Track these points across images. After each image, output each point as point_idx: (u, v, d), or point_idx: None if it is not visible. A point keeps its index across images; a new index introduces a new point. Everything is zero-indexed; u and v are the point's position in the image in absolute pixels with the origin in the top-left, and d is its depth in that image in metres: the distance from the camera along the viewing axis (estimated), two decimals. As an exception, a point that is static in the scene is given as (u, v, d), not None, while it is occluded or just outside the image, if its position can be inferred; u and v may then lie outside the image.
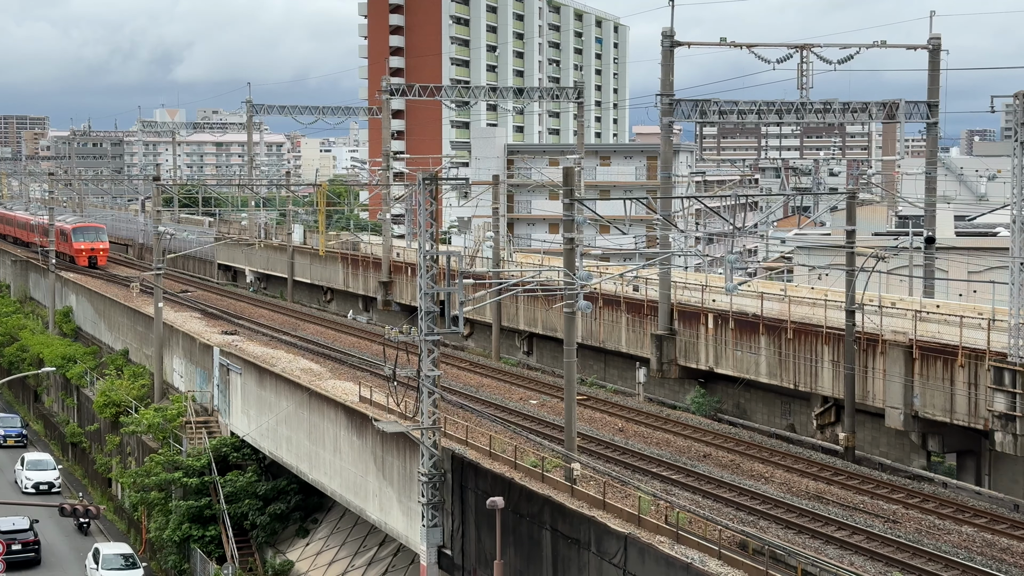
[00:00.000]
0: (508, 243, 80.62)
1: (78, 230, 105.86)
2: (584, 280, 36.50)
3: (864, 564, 29.15)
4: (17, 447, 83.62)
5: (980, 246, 68.22)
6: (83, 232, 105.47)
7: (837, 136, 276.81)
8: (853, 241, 41.54)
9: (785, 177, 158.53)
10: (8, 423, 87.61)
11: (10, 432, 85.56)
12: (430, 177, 38.70)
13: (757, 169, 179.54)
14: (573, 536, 33.31)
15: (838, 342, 42.40)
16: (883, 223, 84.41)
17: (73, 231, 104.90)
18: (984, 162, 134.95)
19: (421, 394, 38.16)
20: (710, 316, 48.81)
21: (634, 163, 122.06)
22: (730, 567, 28.56)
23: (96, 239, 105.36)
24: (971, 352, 37.89)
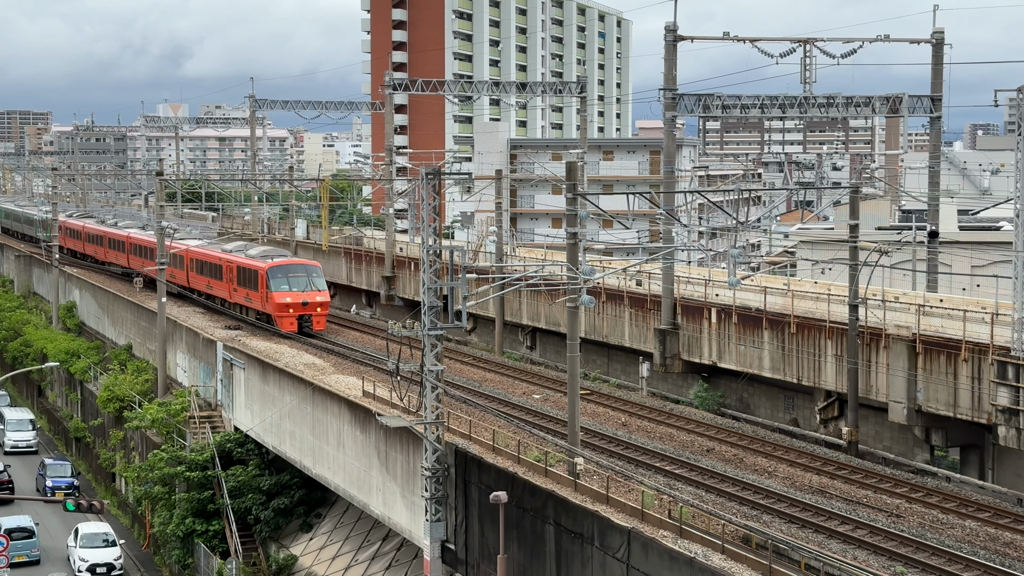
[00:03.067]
0: (511, 238, 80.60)
1: (278, 272, 62.92)
2: (587, 275, 36.49)
3: (867, 559, 29.16)
4: None
5: (983, 240, 68.14)
6: (286, 275, 63.03)
7: (840, 130, 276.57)
8: (856, 235, 41.52)
9: (788, 171, 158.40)
10: (59, 472, 72.40)
11: (59, 483, 70.51)
12: (433, 172, 38.67)
13: (760, 163, 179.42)
14: (576, 530, 33.32)
15: (841, 336, 42.39)
16: (886, 217, 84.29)
17: (270, 273, 62.61)
18: (987, 156, 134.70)
19: (424, 389, 38.17)
20: (713, 311, 48.78)
21: (637, 157, 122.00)
22: (733, 561, 28.57)
23: (308, 286, 63.07)
24: (974, 346, 37.86)
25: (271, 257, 65.42)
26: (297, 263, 64.49)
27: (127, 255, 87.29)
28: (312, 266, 64.60)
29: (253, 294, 64.50)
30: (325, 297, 63.09)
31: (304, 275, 62.82)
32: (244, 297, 66.26)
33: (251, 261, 65.71)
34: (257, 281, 63.69)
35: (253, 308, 65.64)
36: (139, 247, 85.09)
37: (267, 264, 63.44)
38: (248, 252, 68.12)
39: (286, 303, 61.74)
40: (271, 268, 62.76)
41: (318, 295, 62.71)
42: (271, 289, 62.08)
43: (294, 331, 61.48)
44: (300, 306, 61.98)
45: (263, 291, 62.98)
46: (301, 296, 62.21)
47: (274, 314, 62.14)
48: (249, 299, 65.47)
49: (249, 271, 65.16)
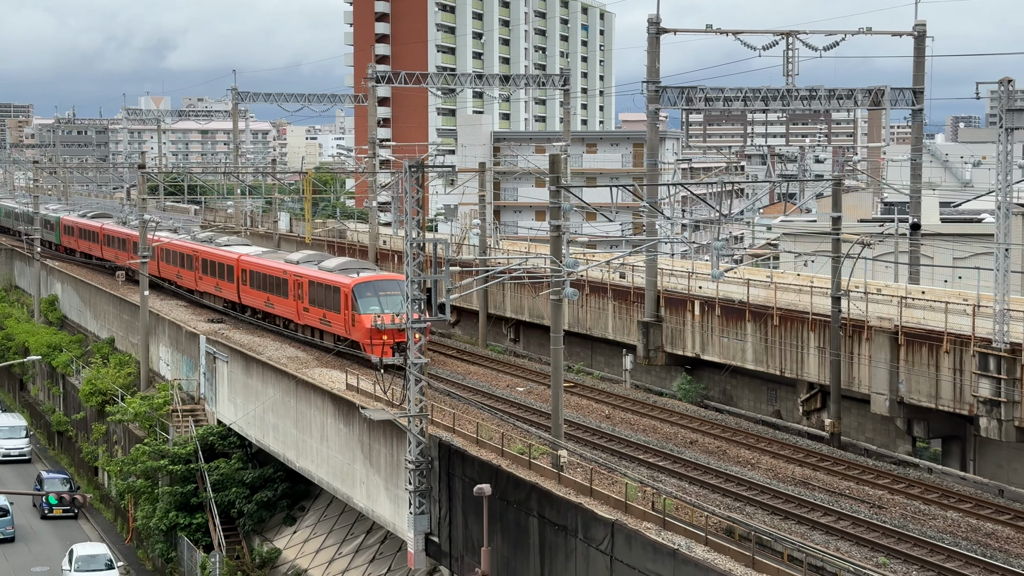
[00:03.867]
0: (494, 230, 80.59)
1: (367, 289, 52.03)
2: (570, 267, 36.51)
3: (850, 549, 29.28)
4: (66, 517, 67.04)
5: (965, 232, 68.42)
6: (376, 293, 51.99)
7: (823, 123, 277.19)
8: (839, 228, 41.63)
9: (771, 164, 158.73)
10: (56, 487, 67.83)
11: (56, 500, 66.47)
12: (416, 164, 38.65)
13: (743, 156, 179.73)
14: (560, 523, 33.38)
15: (824, 328, 42.52)
16: (869, 210, 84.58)
17: (357, 291, 51.79)
18: (969, 148, 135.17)
19: (408, 381, 38.16)
20: (696, 303, 48.88)
21: (620, 150, 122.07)
22: (717, 553, 28.66)
23: (401, 307, 46.29)
24: (956, 338, 38.03)
25: (354, 271, 54.29)
26: (388, 279, 52.59)
27: (157, 263, 75.26)
28: (399, 280, 49.95)
29: (332, 316, 53.27)
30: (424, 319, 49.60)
31: (398, 293, 49.66)
32: (319, 319, 54.84)
33: (329, 276, 54.35)
34: (339, 300, 52.63)
35: (332, 332, 54.05)
36: (178, 255, 73.49)
37: (352, 280, 51.96)
38: (322, 264, 56.94)
39: (379, 327, 49.11)
40: (359, 285, 51.44)
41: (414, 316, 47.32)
42: (359, 310, 50.61)
43: (389, 358, 50.09)
44: (396, 331, 48.42)
45: (347, 312, 51.75)
46: (396, 319, 47.59)
47: (363, 340, 50.35)
48: (327, 321, 53.99)
49: (327, 288, 53.90)
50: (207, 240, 73.14)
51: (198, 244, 71.95)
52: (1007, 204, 36.48)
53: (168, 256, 74.98)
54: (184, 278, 72.86)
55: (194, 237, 75.73)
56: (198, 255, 70.17)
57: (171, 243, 74.59)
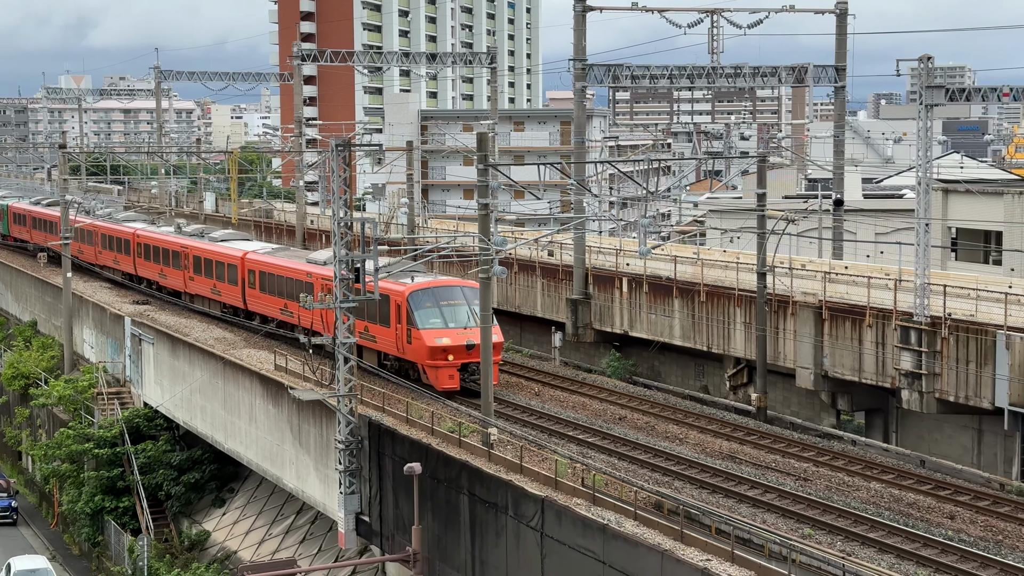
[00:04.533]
0: (423, 209, 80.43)
1: (425, 297, 43.03)
2: (499, 245, 36.57)
3: (776, 521, 29.70)
4: (4, 524, 63.90)
5: (887, 208, 69.42)
6: (437, 303, 43.00)
7: (748, 100, 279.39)
8: (764, 204, 42.04)
9: (697, 141, 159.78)
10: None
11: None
12: (343, 143, 38.44)
13: (670, 133, 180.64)
14: (491, 500, 33.50)
15: (750, 304, 42.97)
16: (793, 186, 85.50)
17: (414, 301, 42.64)
18: (890, 125, 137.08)
19: (337, 361, 38.02)
20: (624, 280, 49.16)
21: (548, 128, 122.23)
22: (646, 528, 28.93)
23: (471, 319, 42.06)
24: (878, 312, 38.62)
25: (405, 274, 43.66)
26: (451, 284, 43.90)
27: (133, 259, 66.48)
28: (471, 288, 42.69)
29: (381, 331, 43.78)
30: (497, 335, 41.29)
31: (463, 303, 42.48)
32: (360, 331, 44.05)
33: (382, 282, 41.59)
34: (387, 311, 43.16)
35: (376, 349, 44.80)
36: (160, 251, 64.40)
37: (406, 287, 42.47)
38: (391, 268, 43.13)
39: (442, 346, 41.10)
40: (415, 293, 42.19)
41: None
42: (417, 324, 41.54)
43: (455, 388, 41.33)
44: (463, 351, 41.28)
45: (401, 327, 42.34)
46: (464, 335, 41.34)
47: (423, 362, 41.80)
48: (369, 335, 44.58)
49: (380, 298, 41.08)
50: (197, 234, 62.98)
51: (186, 239, 61.99)
52: (927, 180, 37.07)
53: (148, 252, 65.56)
54: (170, 277, 63.18)
55: (179, 230, 66.11)
56: (188, 252, 60.54)
57: (154, 236, 65.34)
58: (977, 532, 28.78)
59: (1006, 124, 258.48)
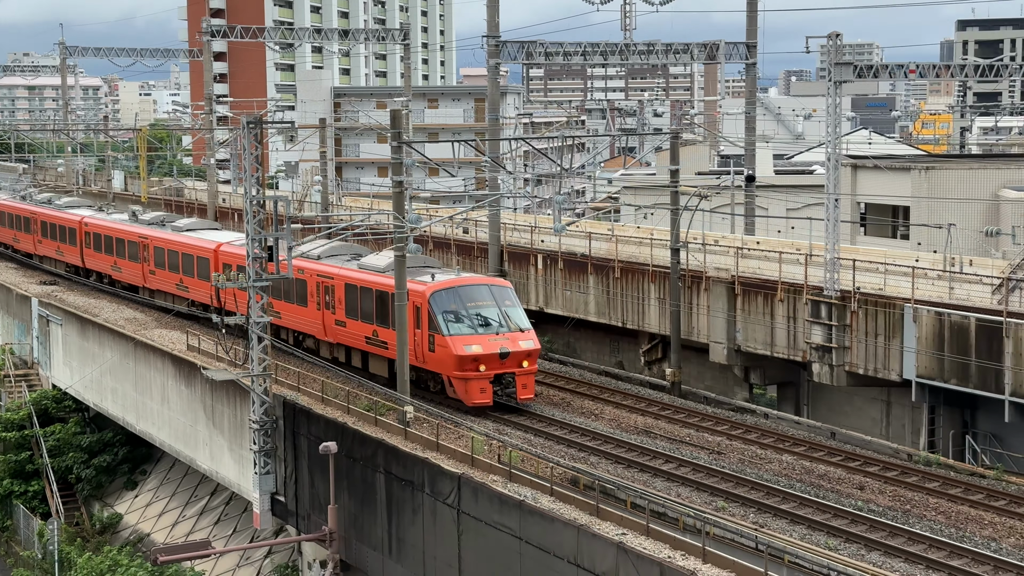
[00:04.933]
0: (337, 187, 79.85)
1: (450, 298, 37.68)
2: (413, 223, 36.43)
3: (691, 495, 30.01)
4: None
5: (797, 184, 70.24)
6: (464, 305, 37.68)
7: (661, 77, 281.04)
8: (677, 180, 42.32)
9: (611, 118, 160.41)
10: None
11: None
12: (255, 121, 37.97)
13: (583, 111, 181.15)
14: (407, 478, 33.45)
15: (664, 280, 43.27)
16: (706, 162, 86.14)
17: (436, 302, 37.34)
18: (801, 102, 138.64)
19: (251, 341, 37.66)
20: (539, 257, 49.26)
21: (462, 105, 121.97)
22: (562, 503, 29.07)
23: (503, 323, 37.75)
24: (790, 287, 39.11)
25: (423, 271, 39.02)
26: (479, 282, 38.89)
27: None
28: (500, 287, 38.84)
29: (392, 335, 37.71)
30: (532, 341, 37.46)
31: (492, 303, 37.78)
32: (365, 337, 40.28)
33: (383, 278, 39.35)
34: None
35: (389, 357, 39.11)
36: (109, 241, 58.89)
37: (427, 286, 37.46)
38: (365, 261, 41.99)
39: (472, 355, 36.24)
40: (438, 294, 37.22)
41: (521, 338, 37.16)
42: (442, 330, 36.58)
43: (487, 403, 36.72)
44: (496, 360, 36.53)
45: (421, 333, 37.37)
46: (496, 342, 36.68)
47: (450, 374, 36.87)
48: (380, 342, 39.62)
49: (383, 296, 39.10)
50: (157, 222, 56.81)
51: (145, 228, 56.18)
52: (836, 156, 37.56)
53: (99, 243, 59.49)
54: (126, 270, 57.47)
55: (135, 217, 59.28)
56: (149, 243, 55.01)
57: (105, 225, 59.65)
58: (886, 502, 29.32)
59: (913, 100, 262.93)
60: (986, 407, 34.73)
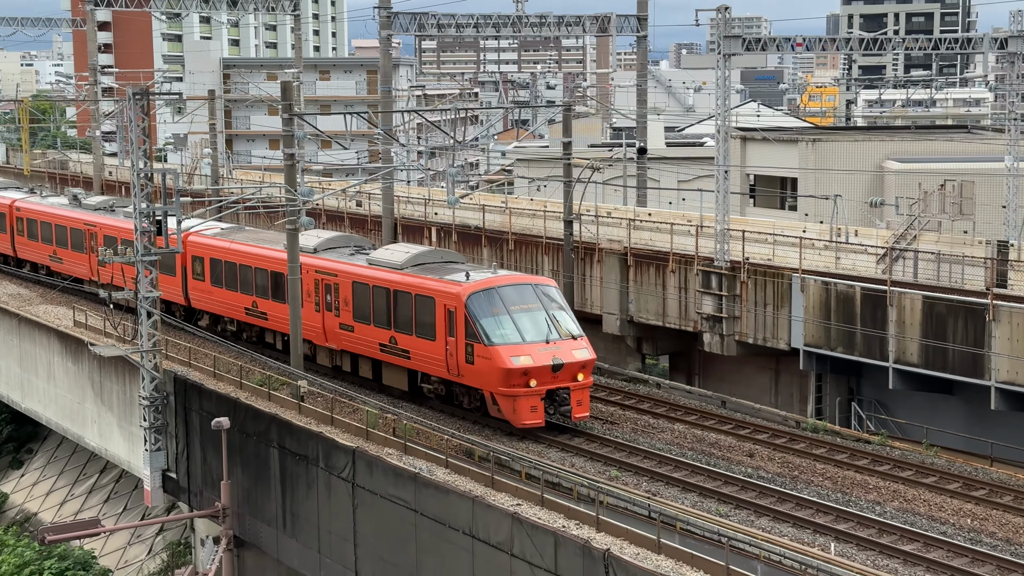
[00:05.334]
0: (227, 160, 78.75)
1: (491, 300, 32.48)
2: (306, 196, 36.15)
3: (584, 465, 30.27)
4: None
5: (688, 156, 71.02)
6: (507, 308, 32.45)
7: (553, 50, 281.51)
8: (570, 153, 42.50)
9: (504, 91, 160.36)
10: None
11: None
12: (141, 92, 37.26)
13: (476, 83, 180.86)
14: (301, 453, 33.26)
15: (557, 252, 43.48)
16: (598, 135, 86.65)
17: (475, 304, 32.21)
18: (691, 75, 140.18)
19: (140, 316, 37.05)
20: (433, 229, 49.18)
21: (354, 77, 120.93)
22: (457, 475, 29.15)
23: (552, 328, 32.64)
24: (681, 258, 39.57)
25: (457, 269, 34.51)
26: (522, 281, 33.91)
27: None
28: (546, 286, 33.99)
29: (421, 345, 33.74)
30: (587, 349, 32.84)
31: (538, 305, 32.95)
32: (378, 344, 35.51)
33: (403, 276, 34.76)
34: (434, 319, 33.19)
35: (413, 368, 34.82)
36: None
37: (463, 286, 32.69)
38: (376, 257, 36.79)
39: (522, 368, 31.37)
40: (477, 295, 32.38)
41: (574, 346, 32.53)
42: (484, 338, 31.66)
43: (539, 423, 31.76)
44: (548, 373, 31.68)
45: (456, 341, 32.39)
46: (547, 352, 31.86)
47: (494, 390, 31.75)
48: (403, 351, 34.61)
49: (404, 296, 34.40)
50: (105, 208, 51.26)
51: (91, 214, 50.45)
52: (726, 128, 38.03)
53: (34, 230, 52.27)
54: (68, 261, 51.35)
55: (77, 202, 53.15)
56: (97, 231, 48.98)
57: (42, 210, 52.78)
58: (775, 468, 29.89)
59: (800, 73, 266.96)
60: (871, 374, 35.57)
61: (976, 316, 31.99)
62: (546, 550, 25.48)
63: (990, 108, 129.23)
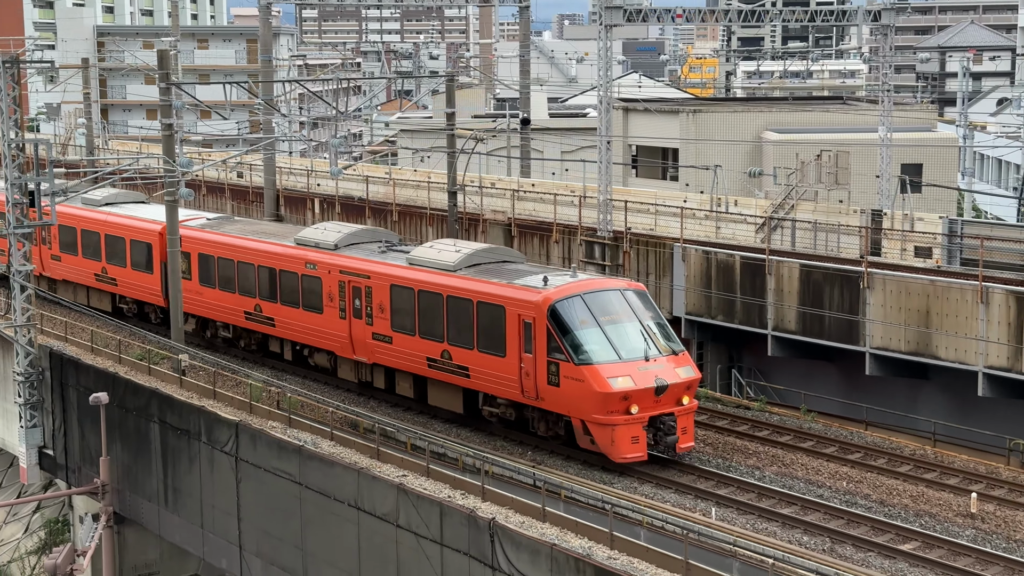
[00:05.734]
0: (103, 130, 77.03)
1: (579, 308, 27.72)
2: (185, 167, 35.55)
3: (470, 436, 30.36)
4: None
5: (571, 127, 71.35)
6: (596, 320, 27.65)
7: (436, 20, 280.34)
8: (453, 124, 42.42)
9: (386, 61, 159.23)
10: None
11: None
12: (11, 60, 36.26)
13: (359, 53, 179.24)
14: (183, 427, 32.82)
15: (442, 223, 43.45)
16: (482, 105, 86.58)
17: (562, 313, 27.47)
18: (574, 45, 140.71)
19: (13, 291, 36.13)
20: (316, 201, 48.77)
21: (233, 46, 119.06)
22: (342, 447, 29.04)
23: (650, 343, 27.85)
24: (565, 228, 39.82)
25: (526, 272, 30.00)
26: (609, 286, 29.06)
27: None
28: (637, 291, 29.18)
29: (486, 362, 29.00)
30: (691, 367, 28.34)
31: (631, 315, 28.32)
32: (432, 359, 30.43)
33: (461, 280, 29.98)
34: (503, 331, 28.54)
35: (474, 388, 29.89)
36: None
37: (542, 293, 27.94)
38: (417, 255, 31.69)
39: (622, 392, 26.79)
40: (562, 303, 27.76)
41: (677, 363, 27.97)
42: (572, 356, 27.07)
43: (641, 457, 27.10)
44: (651, 397, 27.10)
45: (535, 358, 27.72)
46: (648, 371, 27.31)
47: (589, 417, 27.02)
48: (461, 368, 29.71)
49: (460, 305, 29.67)
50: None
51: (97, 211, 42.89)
52: (607, 99, 38.28)
53: None
54: None
55: None
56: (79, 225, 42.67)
57: None
58: (657, 435, 30.24)
59: (681, 45, 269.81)
60: (751, 342, 36.23)
61: (851, 284, 32.77)
62: (432, 520, 25.54)
63: (864, 79, 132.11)
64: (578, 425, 27.39)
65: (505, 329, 28.33)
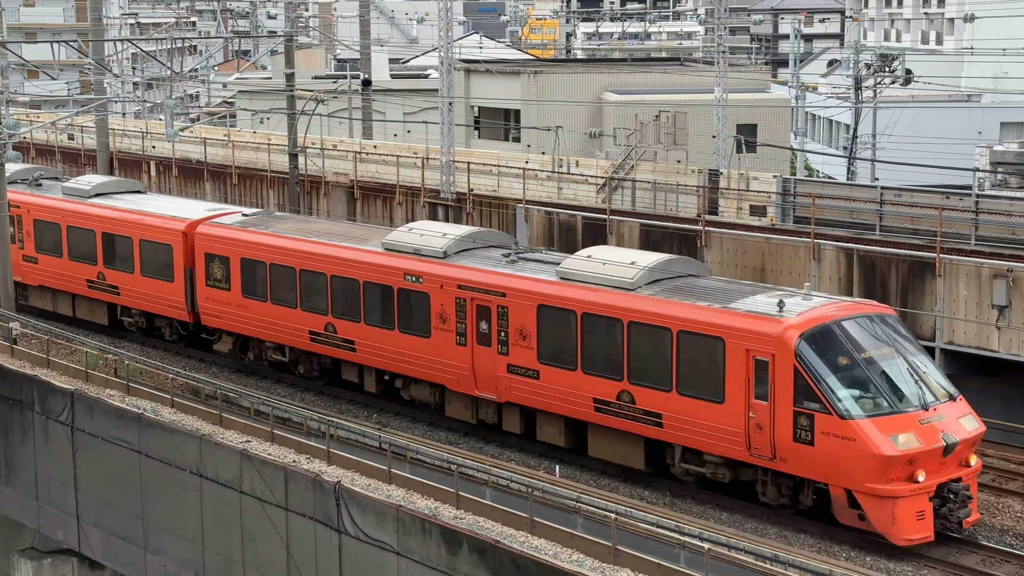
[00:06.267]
0: (-77, 90, 73.86)
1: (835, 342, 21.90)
2: (12, 129, 34.45)
3: (316, 400, 30.20)
4: None
5: (413, 88, 71.00)
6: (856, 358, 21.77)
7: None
8: (293, 85, 41.86)
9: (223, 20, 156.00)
10: None
11: None
12: None
13: (194, 11, 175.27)
14: (15, 397, 31.88)
15: (283, 185, 42.93)
16: (322, 66, 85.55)
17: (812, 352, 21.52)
18: (414, 6, 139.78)
19: None
20: (152, 164, 47.70)
21: (61, 4, 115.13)
22: (184, 414, 28.57)
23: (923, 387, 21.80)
24: (408, 190, 39.72)
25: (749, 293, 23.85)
26: (861, 311, 23.05)
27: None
28: (887, 316, 23.26)
29: (697, 409, 23.12)
30: (973, 416, 22.34)
31: (891, 349, 22.52)
32: (604, 401, 24.48)
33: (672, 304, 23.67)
34: (715, 369, 22.86)
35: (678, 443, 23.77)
36: None
37: (785, 323, 22.02)
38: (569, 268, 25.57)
39: (906, 454, 20.94)
40: (813, 336, 21.92)
41: (958, 412, 22.10)
42: (835, 407, 21.23)
43: (928, 538, 21.17)
44: (937, 459, 21.24)
45: (776, 407, 21.91)
46: (929, 425, 21.41)
47: (862, 486, 21.09)
48: (653, 415, 23.82)
49: (684, 340, 23.26)
50: None
51: None
52: (448, 60, 38.22)
53: None
54: None
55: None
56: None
57: None
58: (502, 395, 30.46)
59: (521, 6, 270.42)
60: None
61: (689, 242, 33.45)
62: (276, 486, 25.33)
63: (701, 41, 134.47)
64: (840, 495, 21.42)
65: (724, 368, 22.45)
